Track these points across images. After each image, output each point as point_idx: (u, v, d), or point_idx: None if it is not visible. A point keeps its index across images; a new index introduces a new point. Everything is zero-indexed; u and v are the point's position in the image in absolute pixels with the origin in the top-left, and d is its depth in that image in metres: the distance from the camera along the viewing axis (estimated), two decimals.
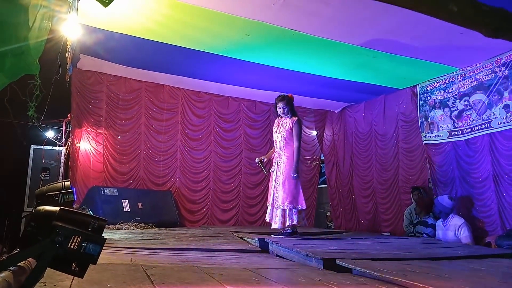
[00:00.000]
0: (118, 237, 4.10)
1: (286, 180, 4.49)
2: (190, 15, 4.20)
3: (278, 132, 4.69)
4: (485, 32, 2.46)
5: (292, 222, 4.43)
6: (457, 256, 3.32)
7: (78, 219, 1.67)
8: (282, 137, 4.61)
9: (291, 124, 4.60)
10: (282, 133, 4.62)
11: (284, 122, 4.69)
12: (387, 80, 6.04)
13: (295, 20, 4.24)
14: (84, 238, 1.61)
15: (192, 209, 6.77)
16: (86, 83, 6.22)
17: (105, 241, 1.65)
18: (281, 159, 4.59)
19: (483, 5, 2.44)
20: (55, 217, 1.63)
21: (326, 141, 8.06)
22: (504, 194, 4.78)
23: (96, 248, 1.62)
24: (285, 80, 6.01)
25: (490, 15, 2.43)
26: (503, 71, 4.90)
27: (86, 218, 1.68)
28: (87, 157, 6.13)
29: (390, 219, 6.47)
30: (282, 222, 4.43)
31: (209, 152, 7.05)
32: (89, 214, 1.80)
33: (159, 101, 6.77)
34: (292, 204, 4.44)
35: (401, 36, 4.47)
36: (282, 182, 4.50)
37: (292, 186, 4.49)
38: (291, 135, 4.58)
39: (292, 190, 4.47)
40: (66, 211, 1.66)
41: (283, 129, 4.64)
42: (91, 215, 1.74)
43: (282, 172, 4.54)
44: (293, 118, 4.64)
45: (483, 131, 5.12)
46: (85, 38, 4.76)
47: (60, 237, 1.59)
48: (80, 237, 1.62)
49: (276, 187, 4.55)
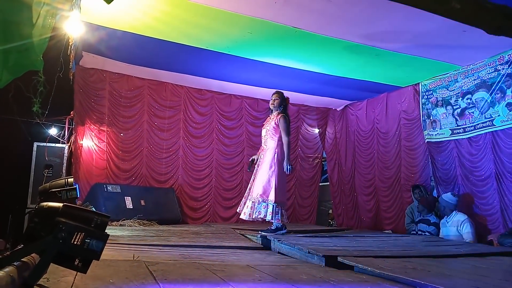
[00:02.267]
0: (121, 233, 4.13)
1: (263, 173, 4.41)
2: (192, 13, 4.20)
3: (265, 127, 4.69)
4: (488, 30, 2.45)
5: (258, 215, 4.27)
6: (459, 254, 3.32)
7: (81, 215, 1.69)
8: (267, 132, 4.60)
9: (277, 120, 4.55)
10: (267, 128, 4.62)
11: (272, 117, 4.67)
12: (389, 78, 6.03)
13: (297, 18, 4.23)
14: (87, 234, 1.63)
15: (194, 206, 6.79)
16: (88, 80, 6.23)
17: (108, 237, 1.67)
18: (264, 153, 4.56)
19: (486, 2, 2.42)
20: (59, 213, 1.65)
21: (328, 139, 8.05)
22: (507, 193, 4.77)
23: (99, 244, 1.64)
24: (287, 77, 6.00)
25: (493, 12, 2.42)
26: (506, 69, 4.88)
27: (89, 215, 1.70)
28: (90, 154, 6.15)
29: (392, 217, 6.47)
30: (251, 213, 4.30)
31: (211, 150, 7.07)
32: (92, 210, 1.82)
33: (161, 99, 6.78)
34: (261, 197, 4.29)
35: (403, 33, 4.46)
36: (258, 172, 4.45)
37: (266, 179, 4.36)
38: (276, 130, 4.52)
39: (264, 182, 4.34)
40: (69, 208, 1.67)
41: (268, 124, 4.65)
42: (94, 212, 1.76)
43: (261, 164, 4.49)
44: (280, 114, 4.59)
45: (485, 129, 5.11)
46: (88, 36, 4.77)
47: (63, 233, 1.61)
48: (83, 233, 1.63)
49: (253, 179, 4.51)
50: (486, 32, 2.49)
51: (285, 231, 4.30)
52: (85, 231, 1.63)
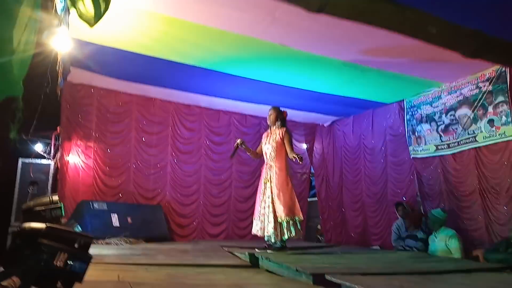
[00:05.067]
0: (107, 252, 4.06)
1: (281, 191, 4.38)
2: (181, 30, 4.24)
3: (268, 143, 4.65)
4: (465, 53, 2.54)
5: (291, 235, 4.28)
6: (445, 270, 3.34)
7: (64, 236, 1.67)
8: (273, 148, 4.56)
9: (281, 134, 4.57)
10: (273, 144, 4.58)
11: (273, 132, 4.67)
12: (375, 94, 6.14)
13: (284, 36, 4.30)
14: (70, 256, 1.61)
15: (182, 223, 6.72)
16: (76, 96, 6.19)
17: (91, 258, 1.65)
18: (273, 170, 4.51)
19: (462, 27, 2.52)
20: (41, 234, 1.62)
21: (316, 155, 8.10)
22: (491, 208, 4.84)
23: (82, 266, 1.62)
24: (275, 94, 6.06)
25: (468, 37, 2.52)
26: (487, 86, 5.01)
27: (72, 235, 1.68)
28: (76, 171, 6.07)
29: (380, 233, 6.49)
30: (276, 234, 4.29)
31: (199, 166, 7.04)
32: (75, 231, 1.79)
33: (149, 114, 6.76)
34: (289, 216, 4.31)
35: (387, 52, 4.56)
36: (277, 194, 4.39)
37: (288, 197, 4.38)
38: (282, 145, 4.54)
39: (287, 201, 4.36)
40: (52, 229, 1.65)
41: (272, 139, 4.61)
42: (77, 232, 1.74)
43: (275, 183, 4.43)
44: (282, 128, 4.63)
45: (469, 145, 5.21)
46: (76, 52, 4.76)
47: (45, 254, 1.58)
48: (66, 255, 1.61)
49: (270, 199, 4.42)
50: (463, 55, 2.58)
51: (286, 249, 4.35)
52: (68, 252, 1.61)
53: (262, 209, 4.46)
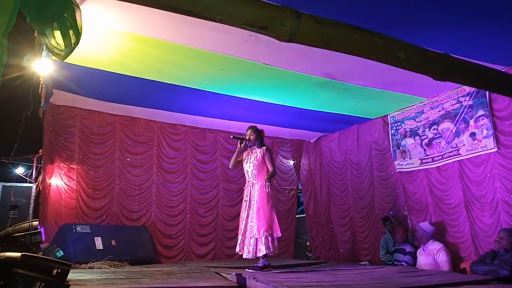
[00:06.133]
0: (89, 277, 3.93)
1: (261, 208, 4.46)
2: (164, 51, 4.25)
3: (249, 162, 4.73)
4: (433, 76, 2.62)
5: (269, 251, 4.33)
6: (433, 285, 3.33)
7: (41, 264, 1.62)
8: (255, 166, 4.65)
9: (262, 153, 4.67)
10: (254, 162, 4.67)
11: (254, 152, 4.76)
12: (359, 110, 6.21)
13: (267, 55, 4.34)
14: (46, 285, 1.55)
15: (168, 244, 6.60)
16: (58, 118, 6.11)
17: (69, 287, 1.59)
18: (255, 188, 4.59)
19: (429, 51, 2.61)
20: (16, 263, 1.57)
21: (303, 171, 8.11)
22: (476, 220, 4.88)
23: None
24: (260, 112, 6.09)
25: (436, 61, 2.60)
26: (467, 101, 5.12)
27: (49, 264, 1.62)
28: (59, 194, 5.93)
29: (369, 248, 6.48)
30: (254, 251, 4.34)
31: (185, 185, 6.96)
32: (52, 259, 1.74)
33: (134, 135, 6.70)
34: (267, 232, 4.37)
35: (369, 69, 4.61)
36: (256, 211, 4.47)
37: (268, 214, 4.45)
38: (263, 163, 4.64)
39: (267, 218, 4.43)
40: (28, 257, 1.59)
41: (254, 158, 4.70)
42: (54, 260, 1.69)
43: (256, 200, 4.52)
44: (263, 147, 4.73)
45: (452, 159, 5.28)
46: (58, 74, 4.73)
47: (21, 284, 1.53)
48: (43, 284, 1.56)
49: (250, 216, 4.51)
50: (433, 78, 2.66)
51: (269, 268, 4.35)
52: (44, 281, 1.56)
53: (243, 227, 4.53)
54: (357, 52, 2.48)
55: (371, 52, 2.44)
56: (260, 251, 4.33)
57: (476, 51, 4.00)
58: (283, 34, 2.11)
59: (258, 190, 4.54)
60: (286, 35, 2.11)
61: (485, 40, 3.92)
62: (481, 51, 4.09)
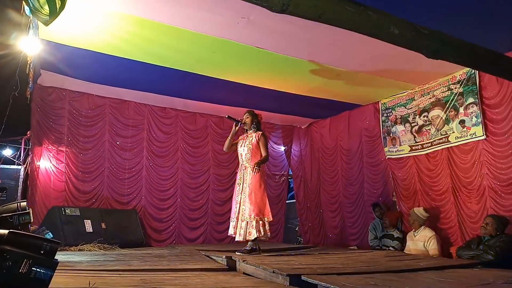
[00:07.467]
0: (79, 259, 3.93)
1: (253, 192, 4.48)
2: (155, 32, 4.18)
3: (243, 145, 4.73)
4: (426, 54, 2.60)
5: (259, 235, 4.37)
6: (419, 268, 3.40)
7: (29, 242, 1.60)
8: (249, 150, 4.65)
9: (257, 137, 4.67)
10: (248, 146, 4.66)
11: (249, 135, 4.75)
12: (350, 96, 6.21)
13: (259, 38, 4.30)
14: (34, 262, 1.54)
15: (158, 228, 6.61)
16: (47, 99, 6.01)
17: (58, 264, 1.59)
18: (247, 171, 4.60)
19: (423, 27, 2.58)
20: (3, 240, 1.55)
21: (294, 157, 8.14)
22: (463, 206, 4.97)
23: (47, 272, 1.55)
24: (252, 96, 6.05)
25: (429, 38, 2.58)
26: (458, 88, 5.15)
27: (37, 241, 1.61)
28: (48, 176, 5.88)
29: (357, 233, 6.56)
30: (245, 234, 4.38)
31: (176, 169, 6.94)
32: (40, 236, 1.72)
33: (124, 118, 6.63)
34: (258, 216, 4.41)
35: (360, 55, 4.63)
36: (248, 194, 4.48)
37: (259, 198, 4.48)
38: (257, 148, 4.64)
39: (258, 202, 4.46)
40: (15, 234, 1.58)
41: (248, 142, 4.70)
42: (43, 238, 1.67)
43: (248, 184, 4.52)
44: (258, 132, 4.73)
45: (442, 146, 5.33)
46: (46, 54, 4.63)
47: (8, 262, 1.51)
48: (31, 261, 1.54)
49: (242, 199, 4.53)
50: (425, 56, 2.64)
51: (258, 252, 4.39)
52: (32, 258, 1.54)
53: (237, 210, 4.55)
54: (350, 26, 2.44)
55: (364, 26, 2.41)
56: (251, 234, 4.36)
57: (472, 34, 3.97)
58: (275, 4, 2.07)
59: (250, 174, 4.55)
60: (279, 5, 2.07)
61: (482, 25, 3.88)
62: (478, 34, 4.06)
